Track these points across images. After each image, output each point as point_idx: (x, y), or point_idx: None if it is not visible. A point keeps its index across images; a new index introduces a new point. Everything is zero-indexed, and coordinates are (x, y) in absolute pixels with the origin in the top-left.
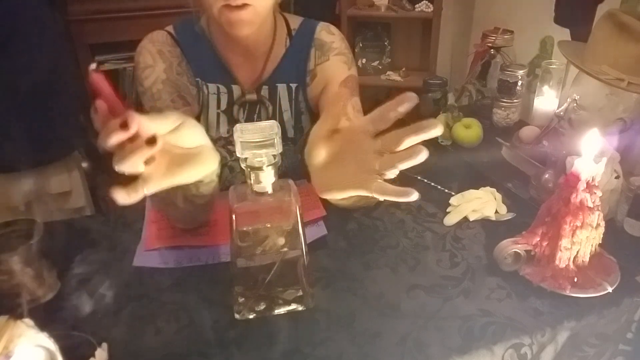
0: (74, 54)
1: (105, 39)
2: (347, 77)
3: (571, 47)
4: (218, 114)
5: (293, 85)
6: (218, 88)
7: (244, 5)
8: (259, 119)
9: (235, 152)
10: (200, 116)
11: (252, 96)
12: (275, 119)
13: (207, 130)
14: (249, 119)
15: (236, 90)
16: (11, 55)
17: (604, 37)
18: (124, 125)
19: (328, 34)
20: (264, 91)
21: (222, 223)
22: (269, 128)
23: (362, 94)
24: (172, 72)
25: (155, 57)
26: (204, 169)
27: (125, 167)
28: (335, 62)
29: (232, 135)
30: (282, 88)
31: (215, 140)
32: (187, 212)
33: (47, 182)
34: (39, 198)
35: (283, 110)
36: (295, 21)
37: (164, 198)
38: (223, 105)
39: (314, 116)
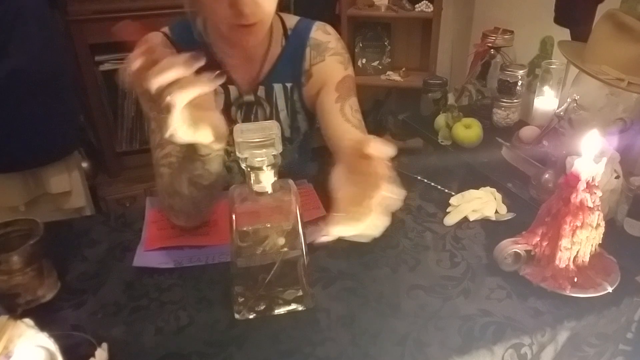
0: (74, 54)
1: (105, 39)
2: (344, 78)
3: (571, 47)
4: None
5: (288, 85)
6: (215, 89)
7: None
8: (256, 120)
9: (233, 152)
10: None
11: (250, 97)
12: (272, 119)
13: None
14: (246, 119)
15: (233, 90)
16: (11, 55)
17: (604, 37)
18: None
19: (324, 34)
20: (261, 91)
21: (222, 223)
22: (268, 128)
23: (362, 94)
24: None
25: None
26: (217, 130)
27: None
28: (331, 62)
29: (229, 135)
30: (278, 88)
31: None
32: (192, 201)
33: (47, 182)
34: (39, 198)
35: (279, 110)
36: (292, 20)
37: (170, 186)
38: (220, 106)
39: (310, 116)
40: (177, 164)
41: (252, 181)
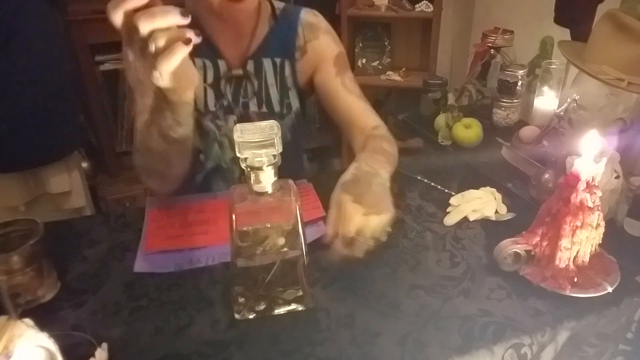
0: (74, 54)
1: (105, 39)
2: (339, 54)
3: (571, 47)
4: (205, 88)
5: (278, 60)
6: (204, 62)
7: None
8: (245, 94)
9: (222, 126)
10: None
11: (239, 71)
12: (261, 94)
13: (195, 104)
14: (236, 93)
15: (222, 65)
16: (11, 55)
17: (604, 37)
18: None
19: (314, 16)
20: (250, 66)
21: (221, 222)
22: (269, 128)
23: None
24: None
25: None
26: (189, 76)
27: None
28: (325, 40)
29: (219, 109)
30: (267, 63)
31: (203, 115)
32: (162, 156)
33: (47, 182)
34: (39, 198)
35: (269, 85)
36: (279, 3)
37: (141, 144)
38: (210, 79)
39: (301, 94)
40: (147, 119)
41: (252, 181)
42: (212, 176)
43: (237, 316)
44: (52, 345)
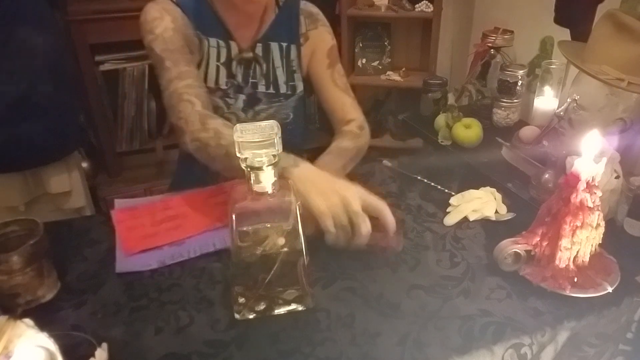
0: (74, 54)
1: (105, 39)
2: (332, 46)
3: (571, 47)
4: (217, 67)
5: (284, 45)
6: (218, 42)
7: None
8: (255, 75)
9: (232, 105)
10: (200, 67)
11: (249, 54)
12: (268, 75)
13: (206, 81)
14: (246, 74)
15: (233, 46)
16: (11, 55)
17: (604, 37)
18: None
19: (312, 7)
20: (258, 49)
21: (192, 216)
22: (269, 128)
23: (362, 94)
24: (177, 24)
25: (162, 11)
26: None
27: None
28: (322, 31)
29: (229, 87)
30: (274, 46)
31: (213, 91)
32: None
33: (47, 182)
34: (39, 198)
35: (276, 67)
36: None
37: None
38: (222, 58)
39: (304, 78)
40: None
41: (252, 181)
42: None
43: (237, 316)
44: (52, 345)
